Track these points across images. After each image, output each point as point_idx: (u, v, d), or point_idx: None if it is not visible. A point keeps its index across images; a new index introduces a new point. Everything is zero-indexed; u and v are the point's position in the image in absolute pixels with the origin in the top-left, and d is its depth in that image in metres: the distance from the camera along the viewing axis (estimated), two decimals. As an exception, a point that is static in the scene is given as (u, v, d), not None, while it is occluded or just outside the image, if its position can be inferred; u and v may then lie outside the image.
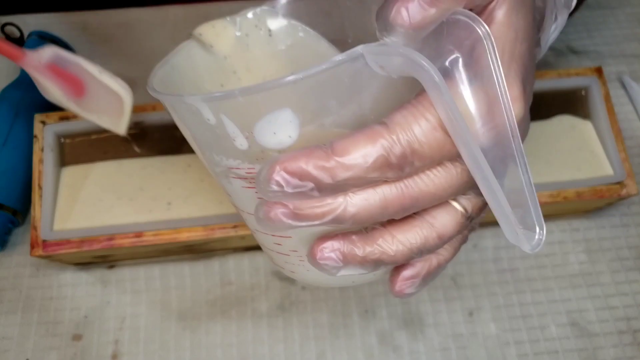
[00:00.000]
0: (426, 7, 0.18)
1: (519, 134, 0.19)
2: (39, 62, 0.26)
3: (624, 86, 0.50)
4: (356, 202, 0.20)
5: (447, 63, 0.18)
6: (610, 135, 0.40)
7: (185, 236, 0.37)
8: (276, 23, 0.29)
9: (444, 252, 0.24)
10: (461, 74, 0.18)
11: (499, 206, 0.19)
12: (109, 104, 0.27)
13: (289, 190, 0.19)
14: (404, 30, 0.18)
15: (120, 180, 0.39)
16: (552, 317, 0.41)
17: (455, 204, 0.21)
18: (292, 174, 0.19)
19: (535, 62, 0.23)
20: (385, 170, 0.19)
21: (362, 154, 0.18)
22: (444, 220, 0.21)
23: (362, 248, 0.21)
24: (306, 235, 0.23)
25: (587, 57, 0.51)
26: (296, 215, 0.20)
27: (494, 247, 0.43)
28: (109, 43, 0.52)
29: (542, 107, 0.42)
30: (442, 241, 0.22)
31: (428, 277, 0.23)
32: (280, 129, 0.20)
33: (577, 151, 0.41)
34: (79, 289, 0.41)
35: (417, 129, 0.18)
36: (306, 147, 0.19)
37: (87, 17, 0.52)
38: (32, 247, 0.36)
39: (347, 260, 0.21)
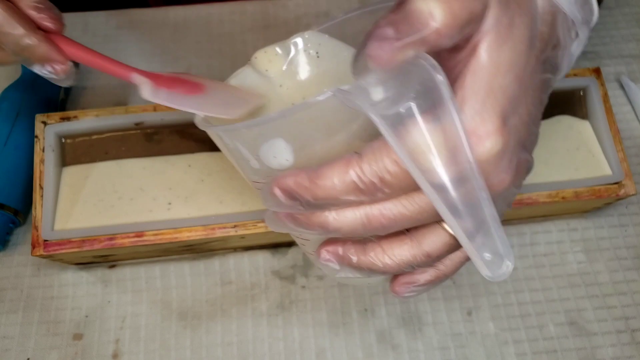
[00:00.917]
0: (391, 53, 0.20)
1: (478, 171, 0.21)
2: (160, 75, 0.29)
3: (622, 86, 0.50)
4: (339, 219, 0.23)
5: (408, 105, 0.20)
6: (608, 136, 0.40)
7: (186, 236, 0.37)
8: (323, 45, 0.31)
9: (443, 268, 0.26)
10: (420, 116, 0.20)
11: (459, 236, 0.21)
12: (226, 101, 0.30)
13: (283, 202, 0.23)
14: (373, 73, 0.20)
15: (120, 180, 0.39)
16: (551, 316, 0.41)
17: (445, 225, 0.23)
18: (283, 191, 0.22)
19: (541, 88, 0.24)
20: (358, 194, 0.21)
21: (335, 179, 0.21)
22: (432, 240, 0.23)
23: (356, 256, 0.24)
24: (319, 241, 0.26)
25: (585, 58, 0.51)
26: (294, 220, 0.24)
27: (492, 246, 0.43)
28: (109, 44, 0.52)
29: (541, 107, 0.42)
30: (431, 259, 0.24)
31: (424, 286, 0.26)
32: (278, 154, 0.24)
33: (576, 151, 0.41)
34: (79, 288, 0.42)
35: (385, 161, 0.21)
36: (298, 169, 0.22)
37: (88, 18, 0.53)
38: (33, 246, 0.36)
39: (344, 265, 0.25)
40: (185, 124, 0.41)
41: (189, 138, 0.41)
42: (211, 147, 0.41)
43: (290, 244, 0.43)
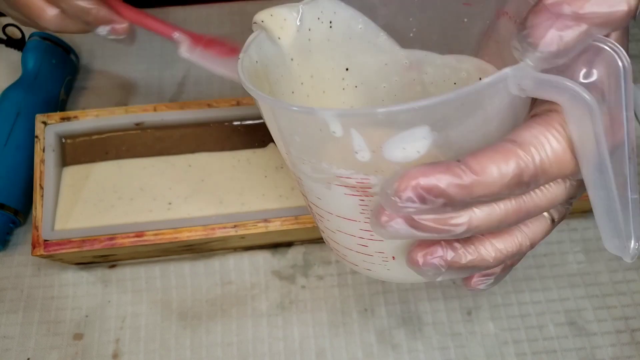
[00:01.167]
0: (576, 34, 0.18)
1: (635, 154, 0.20)
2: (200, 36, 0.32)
3: (622, 86, 0.50)
4: (480, 216, 0.20)
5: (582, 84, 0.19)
6: (608, 136, 0.40)
7: (186, 236, 0.37)
8: (338, 14, 0.28)
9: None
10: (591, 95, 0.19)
11: (614, 221, 0.20)
12: None
13: (420, 206, 0.19)
14: (548, 55, 0.19)
15: (120, 180, 0.39)
16: (551, 316, 0.41)
17: (545, 213, 0.23)
18: (425, 190, 0.19)
19: None
20: (516, 188, 0.19)
21: (499, 172, 0.19)
22: (537, 228, 0.23)
23: (464, 256, 0.22)
24: (400, 240, 0.24)
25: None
26: (417, 227, 0.20)
27: (492, 246, 0.43)
28: (109, 44, 0.52)
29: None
30: (532, 247, 0.23)
31: (501, 276, 0.25)
32: (411, 145, 0.20)
33: (575, 151, 0.41)
34: (80, 288, 0.42)
35: (548, 149, 0.19)
36: (437, 163, 0.19)
37: (88, 18, 0.53)
38: (34, 246, 0.36)
39: (450, 267, 0.22)
40: (185, 124, 0.41)
41: (189, 138, 0.41)
42: (211, 147, 0.41)
43: (290, 244, 0.43)
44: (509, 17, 0.25)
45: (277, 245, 0.43)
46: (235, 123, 0.41)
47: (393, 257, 0.26)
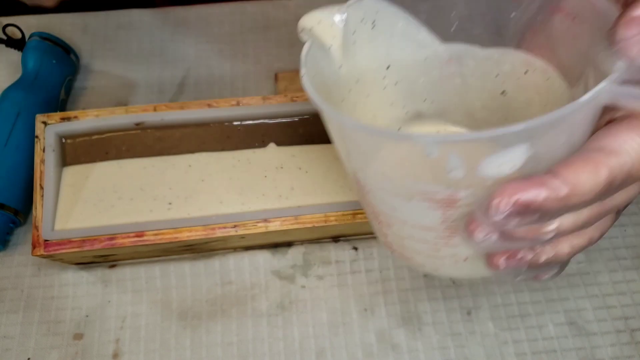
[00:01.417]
0: None
1: None
2: None
3: (621, 87, 0.50)
4: (568, 222, 0.21)
5: None
6: (607, 136, 0.40)
7: (186, 236, 0.37)
8: (381, 13, 0.27)
9: None
10: None
11: None
12: None
13: (519, 221, 0.20)
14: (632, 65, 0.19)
15: (121, 180, 0.39)
16: (550, 316, 0.41)
17: None
18: (524, 205, 0.19)
19: None
20: (605, 194, 0.20)
21: (592, 182, 0.19)
22: (607, 222, 0.24)
23: (543, 254, 0.23)
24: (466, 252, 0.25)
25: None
26: (512, 238, 0.21)
27: (492, 246, 0.43)
28: (109, 44, 0.52)
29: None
30: (600, 239, 0.24)
31: (565, 265, 0.25)
32: (508, 161, 0.20)
33: (575, 151, 0.41)
34: (80, 288, 0.42)
35: (634, 154, 0.20)
36: (532, 178, 0.19)
37: (88, 18, 0.53)
38: (34, 246, 0.36)
39: (531, 267, 0.23)
40: (185, 124, 0.41)
41: (189, 138, 0.41)
42: (211, 147, 0.41)
43: (290, 243, 0.43)
44: (565, 13, 0.25)
45: (277, 245, 0.43)
46: (235, 123, 0.41)
47: (465, 259, 0.25)
